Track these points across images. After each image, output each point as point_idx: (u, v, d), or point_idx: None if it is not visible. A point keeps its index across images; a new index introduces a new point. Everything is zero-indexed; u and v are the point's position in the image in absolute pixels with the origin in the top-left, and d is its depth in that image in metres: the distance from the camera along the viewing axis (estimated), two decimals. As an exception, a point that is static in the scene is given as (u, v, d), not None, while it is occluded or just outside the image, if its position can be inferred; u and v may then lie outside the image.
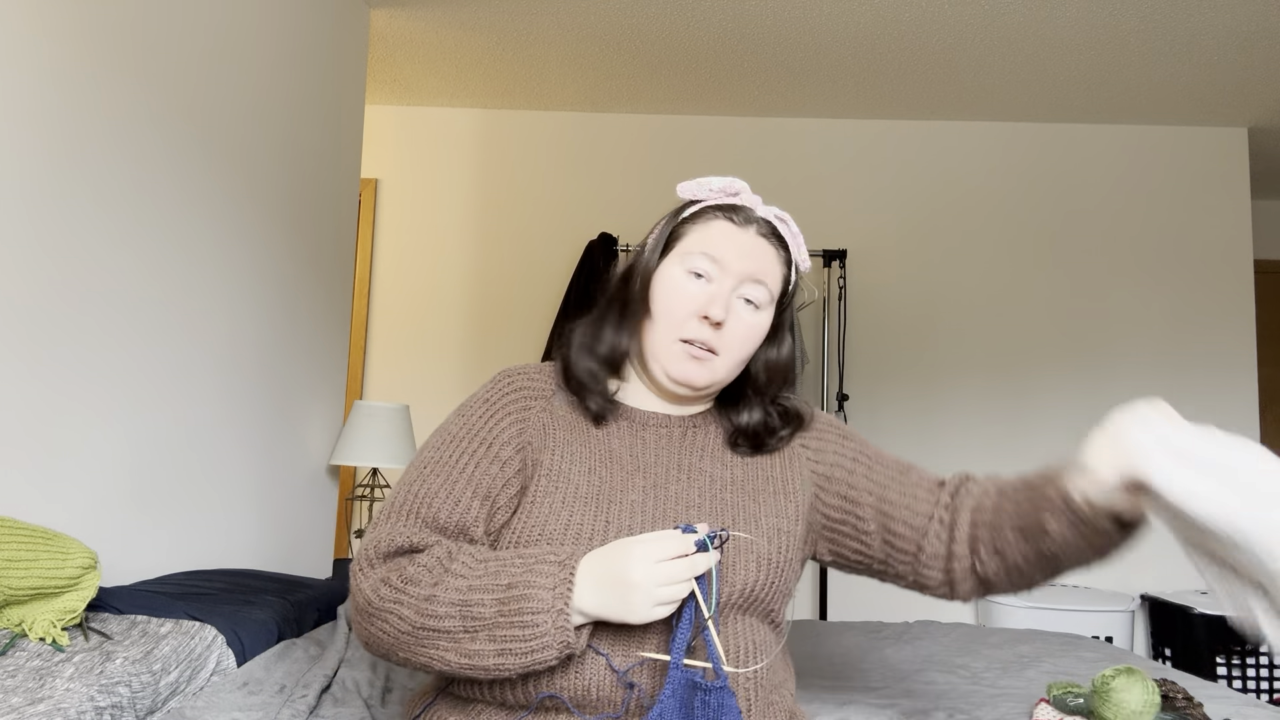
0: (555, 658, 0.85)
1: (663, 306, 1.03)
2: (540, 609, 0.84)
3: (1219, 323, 3.65)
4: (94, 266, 1.62)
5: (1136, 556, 3.87)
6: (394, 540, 0.94)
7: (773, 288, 1.05)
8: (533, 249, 3.73)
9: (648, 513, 0.99)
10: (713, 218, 1.05)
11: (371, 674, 1.41)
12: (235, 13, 2.07)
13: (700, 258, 1.02)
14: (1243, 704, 1.37)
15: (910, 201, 3.74)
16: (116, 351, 1.69)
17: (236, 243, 2.11)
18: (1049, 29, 2.94)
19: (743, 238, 1.04)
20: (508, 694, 0.92)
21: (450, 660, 0.88)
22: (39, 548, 1.19)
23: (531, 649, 0.85)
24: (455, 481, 0.99)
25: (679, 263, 1.04)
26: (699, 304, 1.02)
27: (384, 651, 0.93)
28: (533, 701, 0.91)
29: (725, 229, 1.04)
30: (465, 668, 0.88)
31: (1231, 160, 3.71)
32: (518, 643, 0.85)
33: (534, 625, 0.84)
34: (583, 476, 1.00)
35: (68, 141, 1.55)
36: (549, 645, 0.85)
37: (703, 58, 3.24)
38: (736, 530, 0.98)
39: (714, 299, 1.01)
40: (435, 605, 0.88)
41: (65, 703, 1.00)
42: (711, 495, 1.03)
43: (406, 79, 3.51)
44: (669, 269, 1.04)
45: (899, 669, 1.63)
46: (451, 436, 1.02)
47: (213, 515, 2.04)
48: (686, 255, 1.03)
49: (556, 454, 1.01)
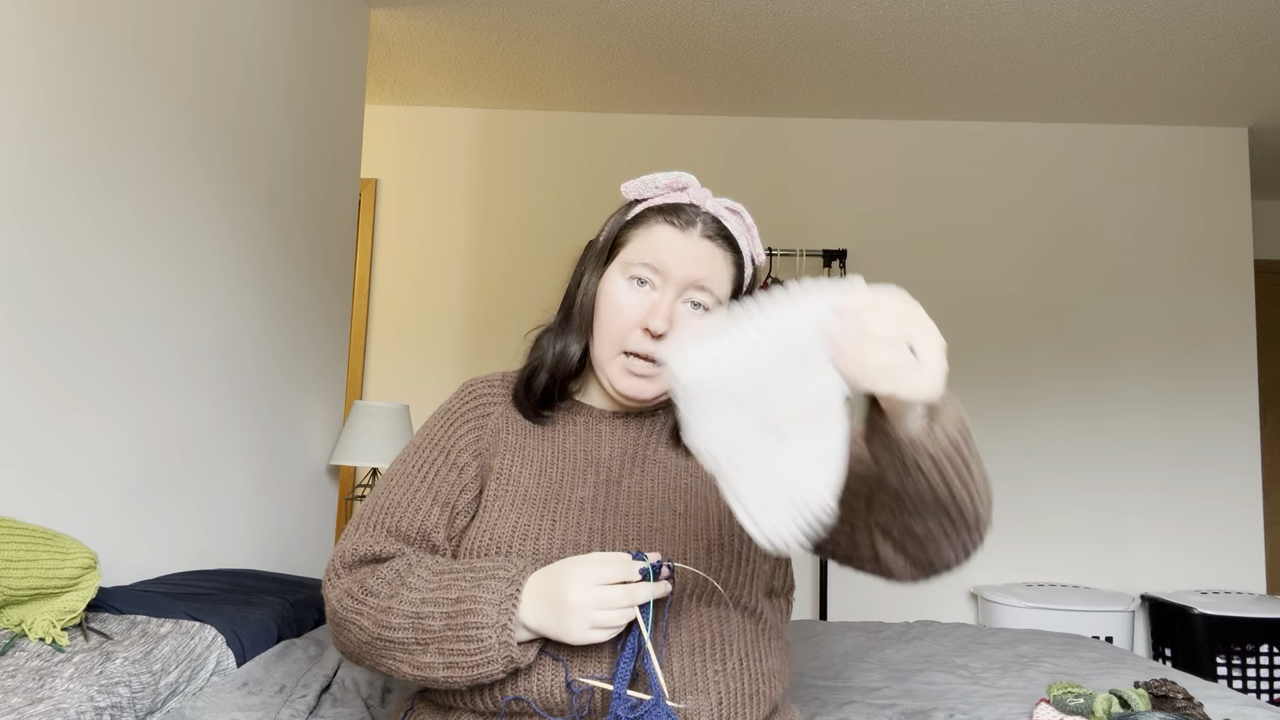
0: (501, 671, 0.87)
1: (604, 318, 1.02)
2: (485, 624, 0.86)
3: (1219, 323, 3.65)
4: (93, 267, 1.62)
5: (1136, 556, 3.88)
6: (358, 550, 0.97)
7: (719, 290, 1.02)
8: (532, 249, 3.73)
9: (596, 508, 0.99)
10: (655, 222, 1.02)
11: (371, 674, 1.41)
12: (235, 13, 2.07)
13: (641, 267, 1.01)
14: (1243, 704, 1.37)
15: (910, 201, 3.74)
16: (116, 351, 1.69)
17: (236, 243, 2.11)
18: (1049, 29, 2.94)
19: (685, 243, 1.01)
20: (478, 700, 0.93)
21: (405, 671, 0.90)
22: (39, 548, 1.19)
23: (476, 663, 0.86)
24: (416, 490, 1.01)
25: (621, 271, 1.02)
26: (639, 315, 1.00)
27: (354, 657, 0.96)
28: (501, 707, 0.92)
29: (667, 235, 1.01)
30: (418, 679, 0.90)
31: (1231, 160, 3.71)
32: (463, 656, 0.87)
33: (479, 640, 0.86)
34: (532, 479, 1.02)
35: (65, 141, 1.54)
36: (493, 660, 0.86)
37: (703, 58, 3.24)
38: (684, 564, 0.95)
39: (655, 309, 0.99)
40: (391, 617, 0.90)
41: (65, 703, 1.00)
42: (665, 484, 1.02)
43: (406, 79, 3.51)
44: (612, 279, 1.03)
45: (899, 669, 1.63)
46: (415, 448, 1.06)
47: (213, 515, 2.04)
48: (628, 264, 1.02)
49: (508, 458, 1.03)
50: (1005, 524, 3.58)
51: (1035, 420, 3.63)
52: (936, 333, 0.76)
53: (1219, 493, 3.58)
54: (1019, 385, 3.65)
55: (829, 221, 3.72)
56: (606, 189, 3.73)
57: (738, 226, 1.06)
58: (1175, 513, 3.58)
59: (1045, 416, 3.63)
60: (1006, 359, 3.66)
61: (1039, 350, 3.66)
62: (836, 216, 3.73)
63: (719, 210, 1.04)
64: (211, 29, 1.97)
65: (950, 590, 3.59)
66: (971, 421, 0.87)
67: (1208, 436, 3.60)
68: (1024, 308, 3.68)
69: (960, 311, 3.68)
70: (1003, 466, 3.61)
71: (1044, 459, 3.61)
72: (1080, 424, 3.62)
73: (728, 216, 1.05)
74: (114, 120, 1.66)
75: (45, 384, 1.51)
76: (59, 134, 1.52)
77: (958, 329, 3.67)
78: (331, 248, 2.66)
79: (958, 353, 3.67)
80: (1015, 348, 3.66)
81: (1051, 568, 3.59)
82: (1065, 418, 3.62)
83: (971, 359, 3.66)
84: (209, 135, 1.98)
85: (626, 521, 0.99)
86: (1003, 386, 3.65)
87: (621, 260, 1.03)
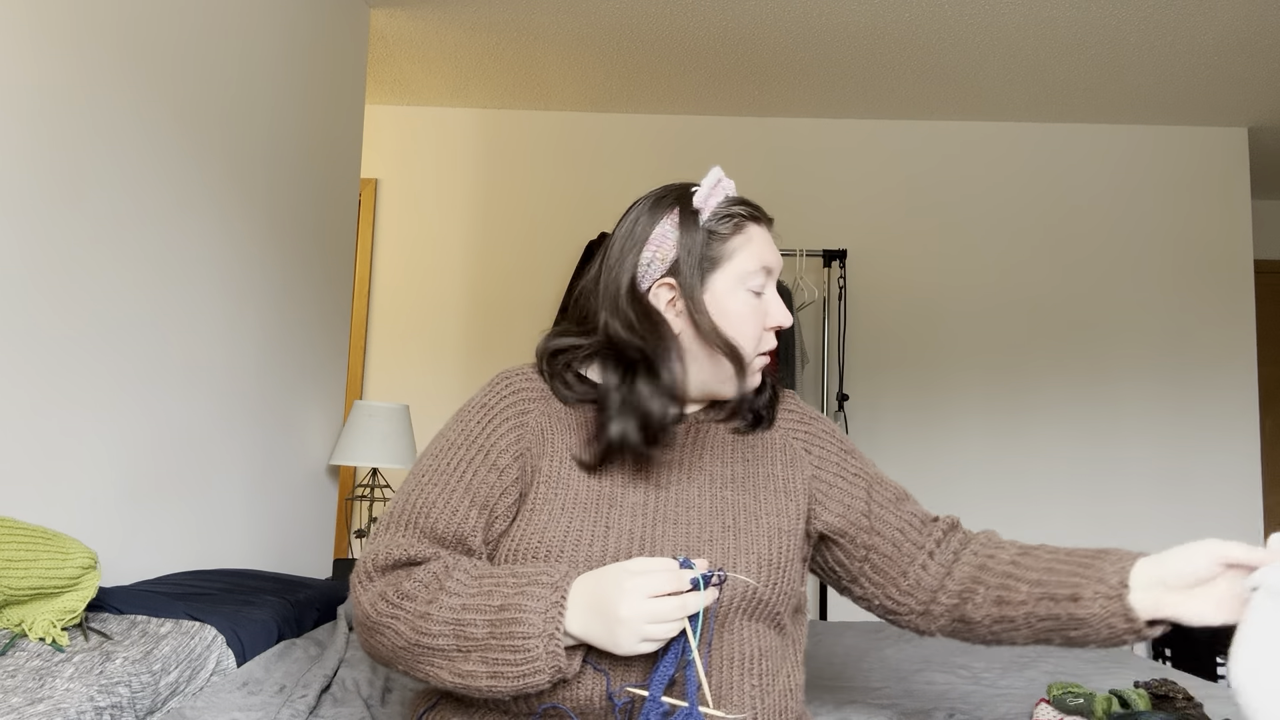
0: (547, 681, 0.84)
1: (742, 332, 1.00)
2: (531, 634, 0.84)
3: (1219, 323, 3.65)
4: (92, 267, 1.62)
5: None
6: (392, 553, 0.93)
7: None
8: (533, 249, 3.73)
9: (648, 514, 0.98)
10: (748, 226, 1.02)
11: (371, 674, 1.41)
12: (234, 12, 2.07)
13: (758, 274, 1.01)
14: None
15: (910, 201, 3.74)
16: (116, 351, 1.69)
17: (235, 242, 2.11)
18: (1048, 29, 2.94)
19: (768, 236, 1.04)
20: (511, 704, 0.92)
21: (445, 678, 0.88)
22: (39, 548, 1.19)
23: (523, 673, 0.84)
24: (453, 491, 0.97)
25: (739, 284, 1.00)
26: (762, 318, 1.02)
27: (385, 662, 0.93)
28: (535, 710, 0.91)
29: (762, 235, 1.03)
30: (459, 686, 0.87)
31: (1231, 160, 3.71)
32: (509, 666, 0.84)
33: (525, 650, 0.84)
34: (582, 481, 0.99)
35: (63, 140, 1.54)
36: (541, 670, 0.84)
37: (703, 58, 3.24)
38: (736, 573, 0.95)
39: (778, 308, 1.03)
40: (429, 623, 0.87)
41: (65, 703, 1.00)
42: (711, 494, 1.01)
43: (406, 79, 3.51)
44: (733, 296, 1.00)
45: (899, 669, 1.63)
46: (450, 444, 1.01)
47: (213, 515, 2.04)
48: (745, 275, 1.00)
49: (555, 459, 1.00)
50: (1005, 523, 3.58)
51: (1035, 420, 3.63)
52: None
53: (1219, 492, 3.58)
54: (1019, 385, 3.65)
55: (829, 221, 3.72)
56: (606, 189, 3.73)
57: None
58: (1175, 512, 3.58)
59: (1045, 416, 3.63)
60: (1006, 359, 3.66)
61: (1039, 350, 3.66)
62: (836, 216, 3.73)
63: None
64: (211, 29, 1.97)
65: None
66: None
67: (1208, 436, 3.60)
68: (1023, 307, 3.68)
69: (960, 311, 3.68)
70: (1002, 467, 3.62)
71: (1044, 459, 3.61)
72: (1080, 424, 3.62)
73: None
74: (112, 120, 1.66)
75: (45, 384, 1.51)
76: (56, 134, 1.52)
77: (958, 328, 3.67)
78: (331, 248, 2.66)
79: (957, 353, 3.67)
80: (1015, 347, 3.66)
81: (1051, 568, 3.58)
82: (1065, 418, 3.62)
83: (972, 359, 3.66)
84: (209, 136, 1.97)
85: (676, 530, 0.97)
86: (1002, 386, 3.65)
87: (735, 273, 1.00)
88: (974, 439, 3.63)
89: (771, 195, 3.73)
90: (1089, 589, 0.91)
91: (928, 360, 3.66)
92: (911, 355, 3.66)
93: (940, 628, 1.05)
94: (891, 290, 3.69)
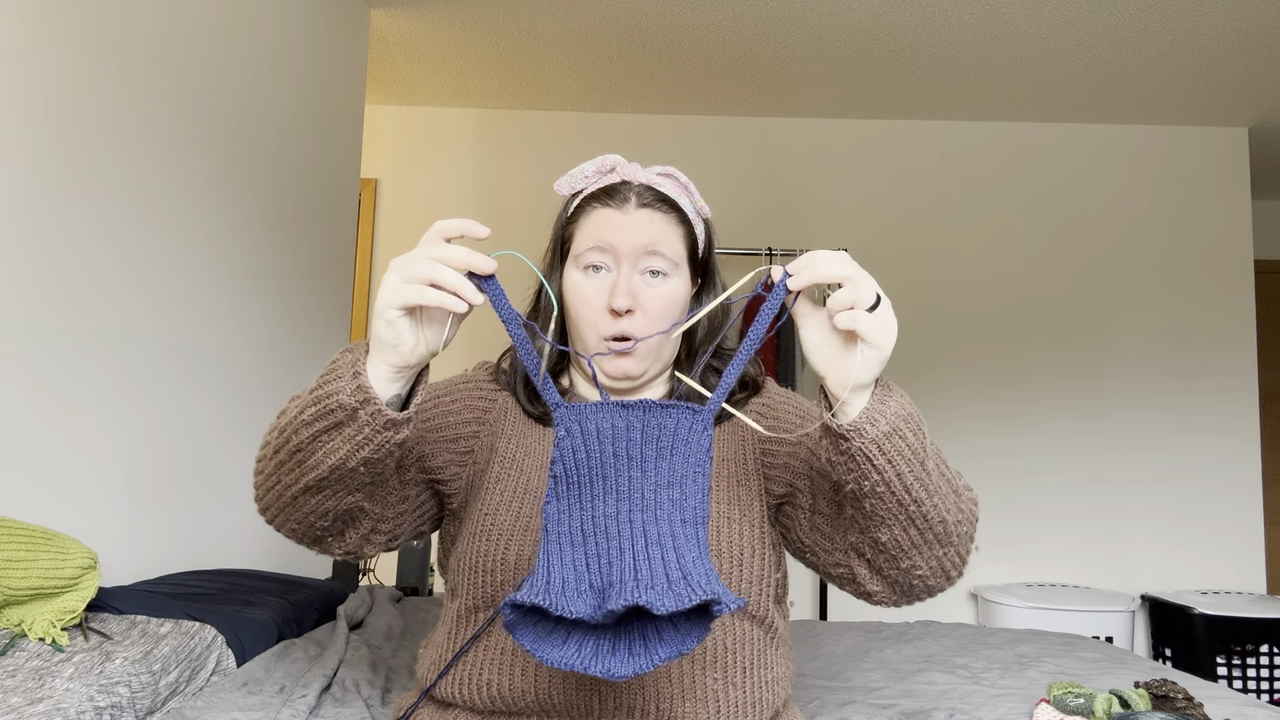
0: (349, 392, 0.82)
1: (575, 313, 1.03)
2: (340, 360, 0.84)
3: (1219, 323, 3.65)
4: (92, 267, 1.62)
5: (1136, 556, 3.88)
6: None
7: (671, 253, 1.02)
8: (532, 249, 3.72)
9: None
10: (591, 209, 1.04)
11: (371, 674, 1.41)
12: (234, 12, 2.07)
13: (590, 253, 1.02)
14: (1243, 704, 1.37)
15: (910, 201, 3.74)
16: (115, 350, 1.69)
17: (236, 242, 2.11)
18: (1049, 29, 2.94)
19: (623, 218, 1.02)
20: (487, 700, 0.93)
21: (303, 460, 0.86)
22: (39, 548, 1.19)
23: (326, 380, 0.84)
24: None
25: (574, 265, 1.04)
26: (603, 300, 1.01)
27: (270, 507, 0.92)
28: (510, 707, 0.93)
29: (606, 216, 1.03)
30: (299, 445, 0.86)
31: (1231, 160, 3.71)
32: (318, 388, 0.84)
33: (331, 369, 0.84)
34: (535, 472, 1.02)
35: (63, 140, 1.54)
36: (341, 375, 0.82)
37: (703, 58, 3.24)
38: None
39: (614, 289, 1.00)
40: (281, 417, 0.89)
41: (65, 703, 1.00)
42: None
43: (406, 79, 3.51)
44: (570, 276, 1.05)
45: (899, 669, 1.63)
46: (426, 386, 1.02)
47: (212, 515, 2.04)
48: (578, 256, 1.03)
49: (513, 443, 1.05)
50: (1005, 524, 3.58)
51: (1035, 420, 3.63)
52: (874, 282, 0.81)
53: (1219, 492, 3.58)
54: (1019, 385, 3.65)
55: (829, 221, 3.72)
56: (606, 189, 3.73)
57: (673, 188, 1.06)
58: (1175, 512, 3.58)
59: (1045, 416, 3.63)
60: (1006, 358, 3.66)
61: (1039, 350, 3.66)
62: (836, 216, 3.73)
63: (650, 179, 1.05)
64: (211, 29, 1.97)
65: (950, 590, 3.59)
66: (924, 420, 0.86)
67: (1208, 436, 3.60)
68: (1023, 307, 3.68)
69: (960, 310, 3.68)
70: (1002, 466, 3.62)
71: (1044, 459, 3.61)
72: (1080, 423, 3.62)
73: (660, 181, 1.06)
74: (112, 120, 1.66)
75: (45, 384, 1.51)
76: (59, 135, 1.52)
77: (958, 328, 3.67)
78: (331, 248, 2.66)
79: (957, 352, 3.67)
80: (1015, 347, 3.66)
81: (1051, 568, 3.59)
82: (1065, 417, 3.62)
83: (972, 358, 3.66)
84: (208, 135, 1.98)
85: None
86: (1003, 386, 3.65)
87: (572, 255, 1.05)
88: (974, 439, 3.63)
89: (772, 195, 3.73)
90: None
91: (927, 360, 3.66)
92: (911, 355, 3.66)
93: (852, 576, 0.97)
94: (891, 290, 3.66)
